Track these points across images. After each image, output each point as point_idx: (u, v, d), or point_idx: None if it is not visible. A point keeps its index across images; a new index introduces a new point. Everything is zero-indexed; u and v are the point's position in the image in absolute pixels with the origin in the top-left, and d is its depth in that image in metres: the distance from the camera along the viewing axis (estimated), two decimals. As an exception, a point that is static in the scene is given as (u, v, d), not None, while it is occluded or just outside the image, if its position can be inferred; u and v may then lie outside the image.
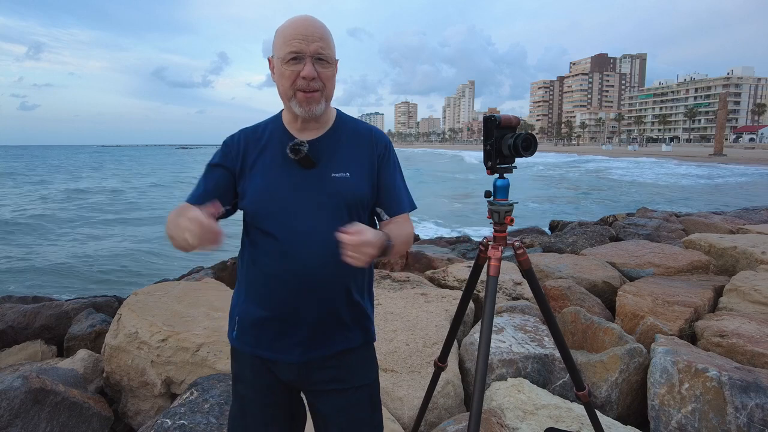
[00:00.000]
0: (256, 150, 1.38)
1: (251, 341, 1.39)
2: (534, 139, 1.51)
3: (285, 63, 1.28)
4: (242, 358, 1.42)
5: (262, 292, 1.35)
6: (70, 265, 11.57)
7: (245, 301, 1.39)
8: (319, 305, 1.33)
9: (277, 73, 1.32)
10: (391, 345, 2.95)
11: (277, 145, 1.37)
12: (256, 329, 1.38)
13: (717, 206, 18.16)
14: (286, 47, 1.27)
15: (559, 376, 2.77)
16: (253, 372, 1.41)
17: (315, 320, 1.34)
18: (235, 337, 1.42)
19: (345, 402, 1.40)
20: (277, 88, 1.36)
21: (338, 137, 1.40)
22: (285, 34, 1.29)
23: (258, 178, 1.35)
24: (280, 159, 1.35)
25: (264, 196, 1.33)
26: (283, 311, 1.34)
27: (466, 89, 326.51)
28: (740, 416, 2.26)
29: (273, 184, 1.34)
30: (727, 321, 3.25)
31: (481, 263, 1.74)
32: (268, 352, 1.37)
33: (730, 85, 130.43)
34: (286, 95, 1.32)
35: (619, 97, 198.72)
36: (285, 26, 1.31)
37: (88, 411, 2.54)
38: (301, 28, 1.27)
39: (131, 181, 41.95)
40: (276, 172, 1.35)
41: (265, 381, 1.41)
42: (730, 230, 6.89)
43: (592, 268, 4.64)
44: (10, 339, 3.98)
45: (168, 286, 3.73)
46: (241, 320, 1.40)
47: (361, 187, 1.37)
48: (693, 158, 59.05)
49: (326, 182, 1.34)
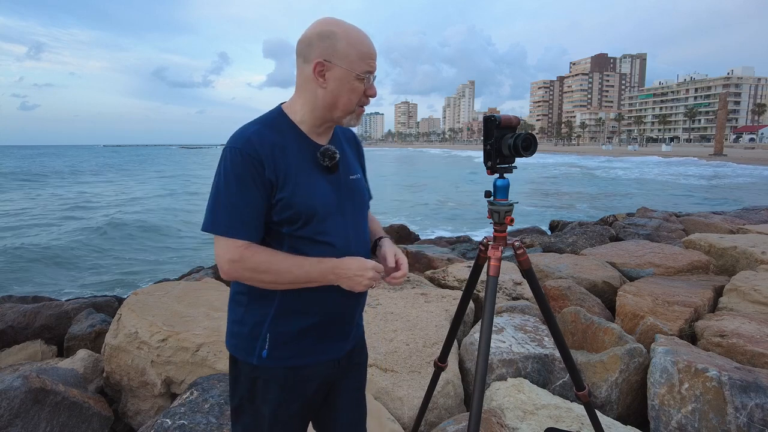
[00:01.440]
0: (281, 155, 1.28)
1: (289, 354, 1.33)
2: (534, 139, 1.51)
3: (359, 79, 1.28)
4: (271, 377, 1.34)
5: (310, 300, 1.32)
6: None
7: (279, 315, 1.32)
8: (362, 299, 1.46)
9: (347, 86, 1.28)
10: (391, 345, 2.95)
11: (299, 149, 1.32)
12: (297, 339, 1.33)
13: (717, 206, 18.17)
14: (363, 65, 1.28)
15: (559, 376, 2.77)
16: (281, 387, 1.35)
17: (358, 314, 1.46)
18: (265, 356, 1.32)
19: (360, 378, 1.55)
20: (325, 98, 1.30)
21: (339, 140, 1.45)
22: (362, 50, 1.28)
23: (302, 185, 1.28)
24: (308, 164, 1.31)
25: (315, 202, 1.28)
26: (336, 314, 1.37)
27: (466, 89, 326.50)
28: (740, 416, 2.26)
29: (317, 190, 1.30)
30: (727, 321, 3.25)
31: (481, 263, 1.74)
32: (311, 357, 1.36)
33: (730, 85, 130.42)
34: (347, 109, 1.32)
35: (619, 97, 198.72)
36: (358, 41, 1.28)
37: (88, 411, 2.54)
38: (372, 48, 1.31)
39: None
40: (312, 178, 1.31)
41: (295, 393, 1.36)
42: (730, 230, 6.89)
43: (592, 268, 4.64)
44: (10, 339, 3.98)
45: (168, 286, 3.74)
46: (274, 337, 1.32)
47: (366, 187, 1.50)
48: (694, 158, 59.04)
49: (349, 185, 1.39)
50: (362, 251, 1.38)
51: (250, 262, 1.23)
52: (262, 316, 1.32)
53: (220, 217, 1.23)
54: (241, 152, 1.22)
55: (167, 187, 33.91)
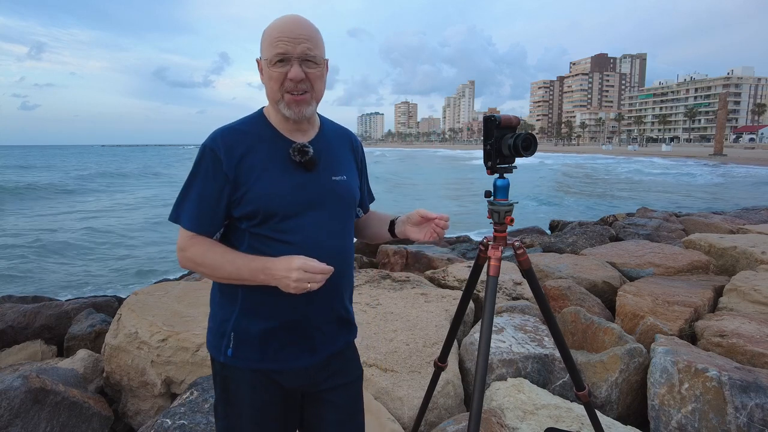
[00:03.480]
0: (248, 152, 1.28)
1: (254, 356, 1.31)
2: (534, 138, 1.51)
3: (272, 65, 1.25)
4: (238, 376, 1.33)
5: (269, 302, 1.28)
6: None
7: (242, 315, 1.31)
8: (331, 307, 1.36)
9: (265, 75, 1.28)
10: (391, 345, 2.94)
11: (270, 146, 1.30)
12: (259, 342, 1.30)
13: (717, 206, 18.16)
14: (272, 49, 1.24)
15: (559, 376, 2.77)
16: (252, 389, 1.33)
17: (325, 323, 1.36)
18: (230, 355, 1.32)
19: (347, 395, 1.45)
20: (265, 91, 1.31)
21: (328, 139, 1.41)
22: (271, 35, 1.25)
23: (264, 182, 1.26)
24: (279, 161, 1.29)
25: (276, 200, 1.26)
26: (293, 319, 1.30)
27: (466, 89, 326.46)
28: (740, 416, 2.26)
29: (282, 187, 1.27)
30: (727, 321, 3.25)
31: (481, 263, 1.74)
32: (275, 363, 1.32)
33: (730, 85, 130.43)
34: (274, 98, 1.29)
35: (619, 97, 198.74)
36: (271, 27, 1.27)
37: (88, 411, 2.54)
38: (287, 29, 1.24)
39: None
40: (277, 175, 1.28)
41: (264, 396, 1.34)
42: (730, 230, 6.89)
43: (592, 268, 4.64)
44: (10, 339, 3.98)
45: (168, 286, 3.74)
46: (238, 336, 1.31)
47: (355, 190, 1.45)
48: (694, 157, 59.03)
49: (328, 185, 1.34)
50: (334, 254, 1.31)
51: (190, 252, 1.27)
52: (228, 314, 1.33)
53: (176, 208, 1.30)
54: (205, 148, 1.28)
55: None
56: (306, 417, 1.45)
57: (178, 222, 1.29)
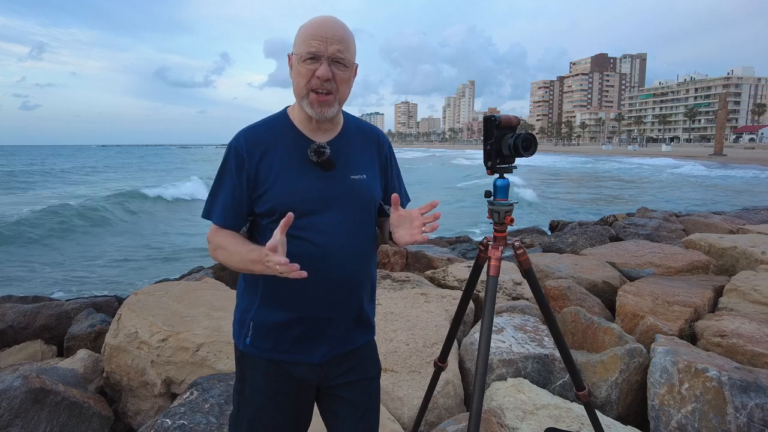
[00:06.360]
0: (268, 151, 1.33)
1: (268, 346, 1.37)
2: (534, 138, 1.51)
3: (302, 62, 1.28)
4: (255, 364, 1.39)
5: (288, 295, 1.33)
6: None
7: (262, 305, 1.36)
8: (350, 304, 1.39)
9: (294, 71, 1.31)
10: (391, 345, 2.95)
11: (290, 146, 1.34)
12: (275, 333, 1.36)
13: (717, 206, 18.17)
14: (305, 46, 1.27)
15: (559, 376, 2.77)
16: (266, 378, 1.38)
17: (343, 319, 1.39)
18: (248, 344, 1.38)
19: (361, 392, 1.47)
20: (292, 86, 1.34)
21: (349, 138, 1.43)
22: (306, 33, 1.28)
23: (282, 180, 1.31)
24: (297, 160, 1.33)
25: (293, 198, 1.30)
26: (311, 313, 1.34)
27: (466, 89, 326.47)
28: (740, 416, 2.26)
29: (299, 186, 1.31)
30: (727, 321, 3.25)
31: (481, 263, 1.74)
32: (287, 354, 1.36)
33: (730, 85, 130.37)
34: (299, 94, 1.32)
35: (619, 97, 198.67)
36: (306, 25, 1.30)
37: (88, 411, 2.54)
38: (321, 29, 1.27)
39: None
40: (295, 173, 1.32)
41: (277, 386, 1.38)
42: (730, 230, 6.88)
43: (592, 268, 4.64)
44: (10, 339, 3.98)
45: (168, 286, 3.74)
46: (256, 325, 1.37)
47: (375, 189, 1.44)
48: (694, 158, 59.09)
49: (347, 184, 1.37)
50: (351, 252, 1.35)
51: (213, 243, 1.37)
52: (249, 304, 1.40)
53: (207, 203, 1.39)
54: (230, 147, 1.36)
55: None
56: (321, 411, 1.49)
57: (209, 218, 1.37)
